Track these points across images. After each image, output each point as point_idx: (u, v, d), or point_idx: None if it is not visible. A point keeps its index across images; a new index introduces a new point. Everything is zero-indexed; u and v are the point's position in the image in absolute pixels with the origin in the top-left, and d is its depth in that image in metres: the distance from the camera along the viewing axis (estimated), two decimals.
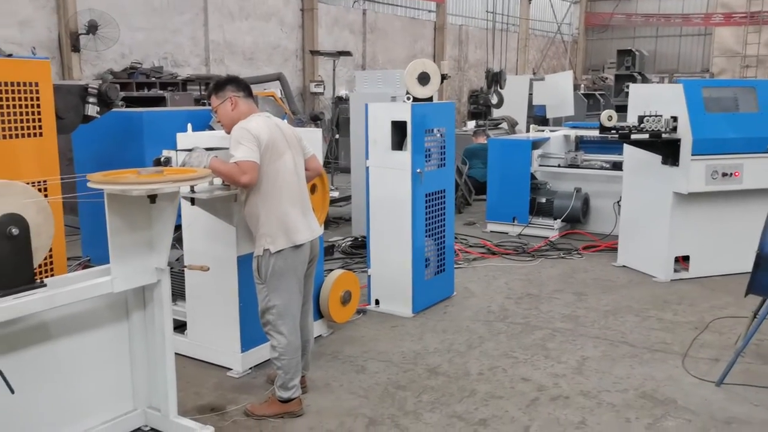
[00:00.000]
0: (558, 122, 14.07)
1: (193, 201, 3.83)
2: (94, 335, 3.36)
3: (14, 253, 2.78)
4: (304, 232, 3.76)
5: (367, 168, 5.51)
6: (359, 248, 7.31)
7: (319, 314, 4.89)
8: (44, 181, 4.35)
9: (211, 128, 5.36)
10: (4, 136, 4.24)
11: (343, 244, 7.54)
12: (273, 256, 3.66)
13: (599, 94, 18.25)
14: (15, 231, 2.76)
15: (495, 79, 13.16)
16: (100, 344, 3.39)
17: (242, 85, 3.85)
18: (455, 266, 6.24)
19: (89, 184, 3.05)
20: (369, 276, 5.63)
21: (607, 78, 23.08)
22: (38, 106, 4.41)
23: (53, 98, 4.51)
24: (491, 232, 8.48)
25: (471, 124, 14.21)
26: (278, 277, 3.69)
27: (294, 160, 3.79)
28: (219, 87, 3.80)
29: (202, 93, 12.43)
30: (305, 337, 4.02)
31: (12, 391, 2.63)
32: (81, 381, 3.31)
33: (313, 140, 4.62)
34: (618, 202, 7.58)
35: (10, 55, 4.92)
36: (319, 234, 3.96)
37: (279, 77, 13.52)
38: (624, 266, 6.92)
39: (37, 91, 4.41)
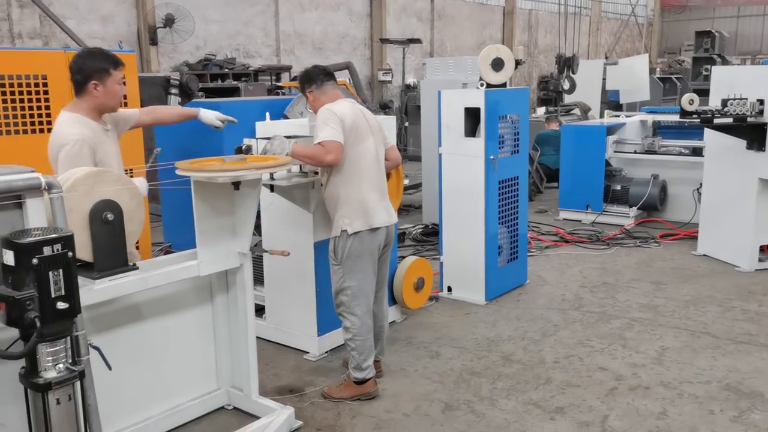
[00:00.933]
0: (632, 108, 13.65)
1: (272, 188, 3.93)
2: (181, 317, 3.51)
3: (109, 238, 2.91)
4: (381, 215, 3.83)
5: (440, 155, 5.51)
6: (430, 236, 7.33)
7: (392, 300, 4.94)
8: (131, 170, 4.54)
9: (286, 117, 5.47)
10: None
11: (414, 232, 7.57)
12: (350, 238, 3.73)
13: (676, 78, 17.58)
14: (110, 216, 2.89)
15: (567, 64, 12.85)
16: (187, 326, 3.54)
17: (313, 78, 3.88)
18: (528, 254, 6.17)
19: (178, 171, 3.17)
20: (441, 263, 5.64)
21: (684, 61, 22.19)
22: (125, 97, 4.59)
23: (139, 89, 4.70)
24: (564, 219, 8.34)
25: (541, 111, 13.94)
26: (354, 258, 3.76)
27: (375, 146, 3.86)
28: (301, 86, 3.94)
29: (274, 83, 12.66)
30: (380, 322, 4.08)
31: (109, 368, 2.77)
32: (169, 360, 3.47)
33: (389, 127, 4.65)
34: (698, 189, 7.33)
35: None
36: (395, 220, 4.01)
37: (348, 66, 13.61)
38: (705, 255, 6.68)
39: (124, 84, 4.59)
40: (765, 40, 26.87)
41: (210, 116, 4.10)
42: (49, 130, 4.17)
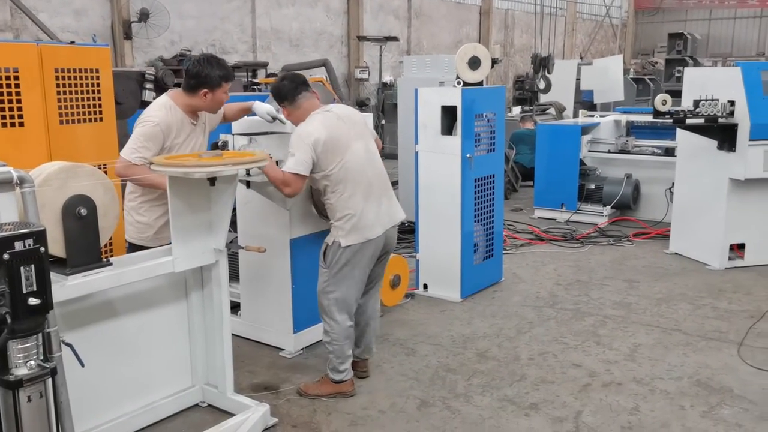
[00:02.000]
0: (606, 108, 13.79)
1: (248, 184, 3.91)
2: (156, 314, 3.47)
3: (83, 233, 2.88)
4: (377, 228, 3.73)
5: (416, 153, 5.52)
6: (405, 233, 7.33)
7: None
8: (104, 165, 4.48)
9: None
10: (67, 121, 4.37)
11: None
12: (342, 249, 3.68)
13: (649, 79, 17.81)
14: (83, 211, 2.86)
15: (543, 63, 12.95)
16: (161, 322, 3.50)
17: (283, 94, 3.79)
18: (503, 252, 6.21)
19: (152, 167, 3.14)
20: (417, 260, 5.66)
21: (657, 62, 22.54)
22: (99, 92, 4.53)
23: (113, 84, 4.63)
24: (539, 218, 8.41)
25: (516, 110, 14.06)
26: (341, 268, 3.71)
27: (366, 147, 3.78)
28: (281, 94, 3.80)
29: (250, 80, 12.58)
30: (366, 319, 4.02)
31: (82, 365, 2.74)
32: (143, 357, 3.43)
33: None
34: (670, 188, 7.45)
35: (72, 43, 5.07)
36: (399, 219, 3.89)
37: (325, 63, 13.59)
38: (676, 254, 6.79)
39: (98, 78, 4.52)
40: (736, 42, 27.37)
41: (262, 109, 4.10)
42: (21, 124, 4.12)
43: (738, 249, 6.40)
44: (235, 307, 4.70)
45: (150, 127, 3.62)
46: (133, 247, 3.77)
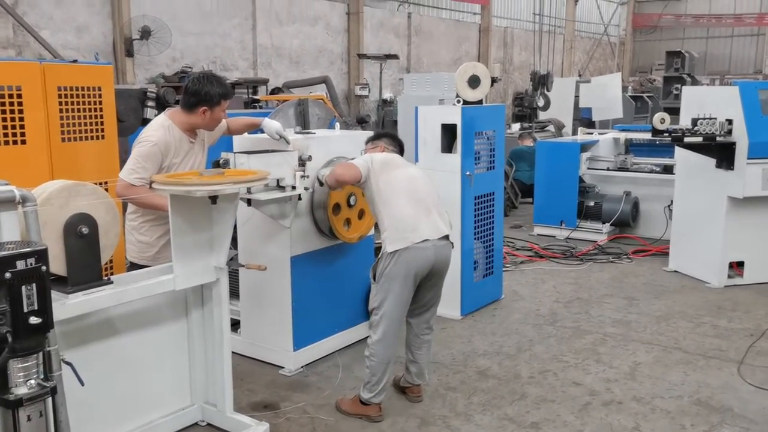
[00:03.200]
0: (605, 125, 13.87)
1: (249, 202, 3.92)
2: (156, 332, 3.47)
3: (84, 251, 2.89)
4: (420, 232, 3.74)
5: None
6: None
7: (367, 314, 4.94)
8: (105, 183, 4.49)
9: (262, 131, 5.46)
10: (69, 139, 4.40)
11: None
12: (389, 257, 3.73)
13: (647, 97, 17.93)
14: (85, 230, 2.87)
15: (541, 81, 13.05)
16: (161, 340, 3.50)
17: (396, 142, 4.24)
18: (503, 269, 6.22)
19: (154, 186, 3.16)
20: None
21: (655, 80, 22.64)
22: (101, 109, 4.56)
23: (115, 102, 4.66)
24: (538, 235, 8.42)
25: (516, 127, 14.11)
26: (387, 280, 3.73)
27: (415, 170, 4.07)
28: (377, 137, 4.30)
29: (250, 96, 12.62)
30: (420, 343, 4.01)
31: (82, 384, 2.73)
32: (143, 375, 3.42)
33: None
34: (669, 206, 7.46)
35: (75, 61, 5.10)
36: (442, 233, 3.84)
37: (325, 80, 13.64)
38: (675, 271, 6.79)
39: (100, 95, 4.56)
40: (733, 60, 27.56)
41: (272, 127, 4.16)
42: (23, 142, 4.14)
43: (737, 267, 6.41)
44: (234, 325, 4.69)
45: (148, 148, 3.65)
46: (133, 267, 3.77)
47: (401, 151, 4.23)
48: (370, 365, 3.80)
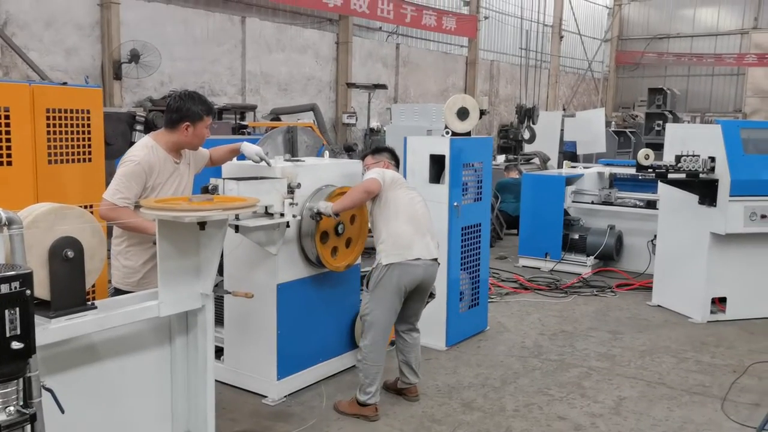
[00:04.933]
0: (588, 159, 14.04)
1: (237, 228, 3.90)
2: (138, 358, 3.40)
3: (69, 275, 2.84)
4: (413, 250, 4.16)
5: None
6: None
7: (353, 343, 4.90)
8: (90, 206, 4.45)
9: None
10: (55, 161, 4.37)
11: None
12: (384, 269, 4.10)
13: (630, 132, 18.18)
14: (70, 254, 2.83)
15: (527, 114, 13.21)
16: (144, 367, 3.43)
17: (395, 158, 4.67)
18: (488, 300, 6.21)
19: (142, 210, 3.13)
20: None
21: (637, 116, 22.99)
22: (89, 132, 4.55)
23: (103, 125, 4.65)
24: (523, 266, 8.44)
25: (500, 158, 14.24)
26: (381, 289, 4.11)
27: (411, 195, 4.36)
28: (378, 151, 4.69)
29: (238, 122, 12.64)
30: (410, 347, 4.41)
31: (62, 411, 2.67)
32: (124, 403, 3.35)
33: (353, 172, 4.69)
34: (652, 240, 7.53)
35: (64, 83, 5.09)
36: (433, 255, 4.28)
37: (313, 108, 13.73)
38: (659, 306, 6.83)
39: (89, 118, 4.55)
40: (714, 98, 28.08)
41: (251, 150, 4.15)
42: (8, 163, 4.10)
43: (719, 303, 6.45)
44: (218, 352, 4.63)
45: (132, 167, 3.63)
46: (117, 293, 3.71)
47: (397, 166, 4.66)
48: (363, 368, 4.14)
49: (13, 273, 2.27)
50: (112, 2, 11.62)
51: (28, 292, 2.29)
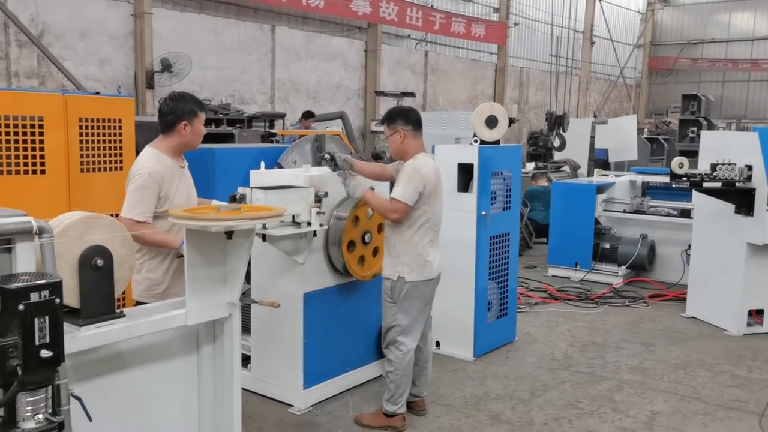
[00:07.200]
0: (620, 166, 13.84)
1: (264, 237, 3.90)
2: (165, 367, 3.41)
3: (98, 284, 2.86)
4: (435, 267, 4.13)
5: None
6: None
7: (379, 353, 4.87)
8: (117, 214, 4.49)
9: (280, 166, 5.48)
10: (88, 170, 4.42)
11: None
12: (407, 284, 4.04)
13: (663, 139, 17.89)
14: (100, 262, 2.85)
15: (558, 122, 13.06)
16: (171, 376, 3.44)
17: (412, 119, 4.11)
18: (517, 310, 6.13)
19: (170, 219, 3.15)
20: (430, 317, 5.58)
21: (670, 122, 22.64)
22: (120, 141, 4.60)
23: (135, 134, 4.70)
24: (552, 276, 8.34)
25: (530, 166, 14.11)
26: (409, 300, 4.06)
27: (442, 203, 4.17)
28: (390, 119, 4.13)
29: (267, 130, 12.74)
30: (425, 356, 4.36)
31: (90, 419, 2.69)
32: (151, 411, 3.36)
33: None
34: (686, 250, 7.38)
35: (97, 93, 5.16)
36: (441, 268, 4.25)
37: (341, 116, 13.76)
38: (693, 317, 6.68)
39: (120, 127, 4.60)
40: (750, 105, 27.53)
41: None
42: (42, 172, 4.17)
43: (756, 315, 6.29)
44: (244, 360, 4.65)
45: (143, 180, 3.59)
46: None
47: (419, 124, 4.14)
48: (394, 380, 4.09)
49: (43, 282, 2.29)
50: (144, 12, 11.81)
51: (58, 300, 2.31)
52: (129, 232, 3.08)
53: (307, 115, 12.90)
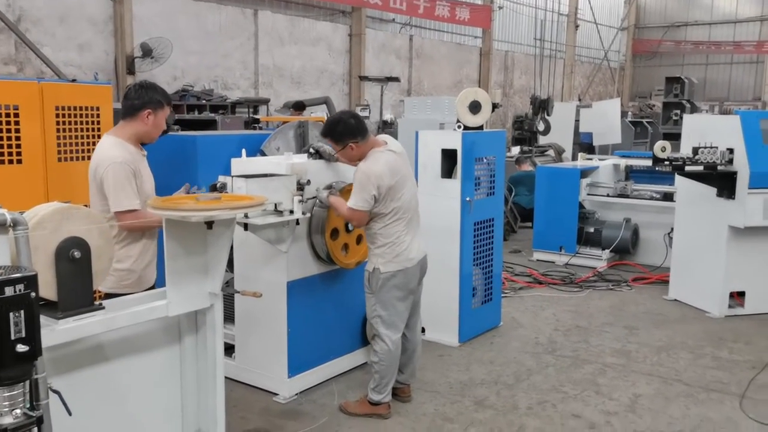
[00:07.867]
0: (604, 150, 13.87)
1: (246, 226, 3.87)
2: (147, 358, 3.38)
3: (75, 276, 2.82)
4: (411, 258, 4.07)
5: None
6: None
7: (364, 341, 4.87)
8: None
9: (263, 153, 5.42)
10: (65, 158, 4.36)
11: None
12: (383, 275, 4.00)
13: (647, 122, 17.96)
14: (77, 254, 2.81)
15: (542, 105, 13.07)
16: (153, 367, 3.41)
17: (356, 130, 3.96)
18: (502, 295, 6.15)
19: (150, 209, 3.10)
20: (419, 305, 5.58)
21: (654, 105, 22.71)
22: (98, 129, 4.54)
23: (113, 121, 4.63)
24: (537, 260, 8.36)
25: (515, 150, 14.12)
26: (387, 290, 4.02)
27: (411, 189, 4.11)
28: (338, 137, 3.97)
29: (251, 116, 12.64)
30: (412, 346, 4.31)
31: (69, 413, 2.66)
32: (133, 403, 3.33)
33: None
34: (669, 233, 7.43)
35: (74, 80, 5.07)
36: (423, 253, 4.21)
37: (326, 101, 13.68)
38: (676, 300, 6.73)
39: (98, 115, 4.54)
40: (732, 87, 27.68)
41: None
42: (19, 162, 4.10)
43: (738, 297, 6.35)
44: (228, 349, 4.62)
45: (119, 167, 3.47)
46: (111, 298, 3.59)
47: (364, 129, 4.00)
48: (379, 369, 4.07)
49: (17, 275, 2.25)
50: None
51: (33, 294, 2.27)
52: (126, 222, 3.04)
53: (298, 106, 12.18)
